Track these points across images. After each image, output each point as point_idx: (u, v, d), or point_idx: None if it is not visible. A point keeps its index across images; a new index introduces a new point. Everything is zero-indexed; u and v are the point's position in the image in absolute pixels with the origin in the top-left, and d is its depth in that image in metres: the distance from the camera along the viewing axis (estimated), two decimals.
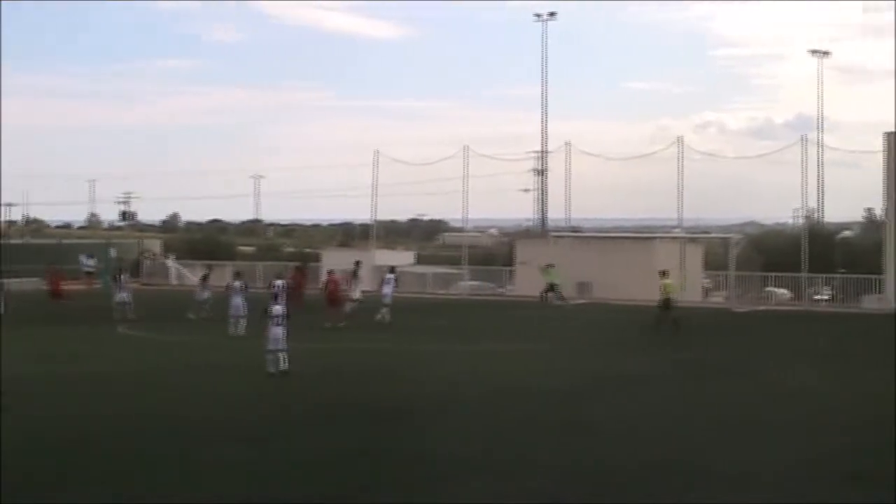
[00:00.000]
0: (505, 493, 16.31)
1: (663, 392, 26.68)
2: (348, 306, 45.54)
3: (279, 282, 43.54)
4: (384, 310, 45.21)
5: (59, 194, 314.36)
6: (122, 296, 47.45)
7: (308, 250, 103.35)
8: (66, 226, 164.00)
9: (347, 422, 22.19)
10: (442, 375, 29.31)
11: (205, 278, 49.68)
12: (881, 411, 23.59)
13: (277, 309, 29.45)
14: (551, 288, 58.16)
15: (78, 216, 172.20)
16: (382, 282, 47.21)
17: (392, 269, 49.43)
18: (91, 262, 73.05)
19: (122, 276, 49.62)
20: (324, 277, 48.68)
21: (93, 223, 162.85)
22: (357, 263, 48.69)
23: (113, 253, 75.37)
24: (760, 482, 17.01)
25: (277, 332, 28.72)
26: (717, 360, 33.38)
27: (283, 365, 28.37)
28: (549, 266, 58.95)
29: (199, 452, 18.89)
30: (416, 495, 16.16)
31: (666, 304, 41.69)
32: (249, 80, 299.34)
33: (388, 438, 20.22)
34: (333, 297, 44.27)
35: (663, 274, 43.12)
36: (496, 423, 22.02)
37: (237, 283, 41.34)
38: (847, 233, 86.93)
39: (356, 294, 46.39)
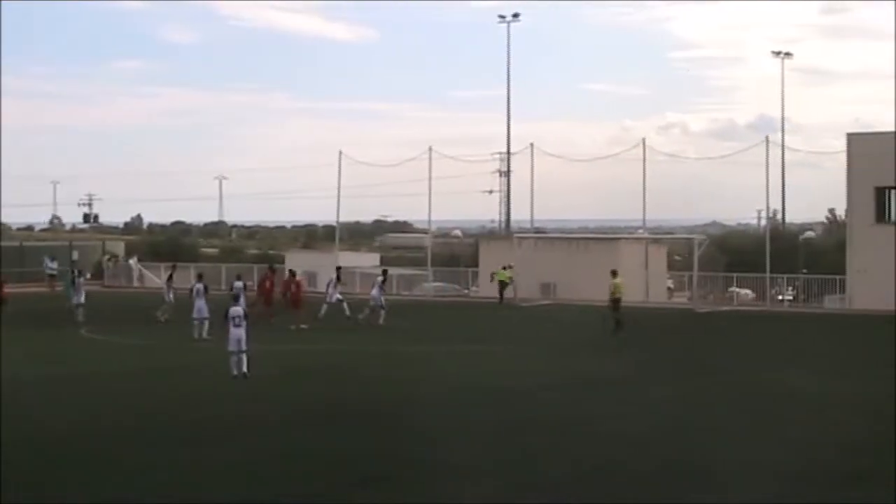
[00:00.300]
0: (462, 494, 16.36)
1: (636, 393, 26.76)
2: (323, 308, 45.58)
3: (238, 283, 43.51)
4: (381, 312, 45.14)
5: (20, 196, 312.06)
6: (78, 298, 46.84)
7: (272, 252, 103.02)
8: (29, 228, 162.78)
9: (316, 423, 22.17)
10: (406, 377, 29.36)
11: (170, 278, 49.08)
12: (866, 410, 24.20)
13: (237, 310, 29.28)
14: (502, 286, 57.98)
15: (40, 218, 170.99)
16: (373, 284, 47.28)
17: (384, 272, 49.65)
18: (54, 264, 72.51)
19: (77, 280, 48.81)
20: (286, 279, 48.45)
21: (55, 225, 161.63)
22: (338, 269, 49.13)
23: (75, 255, 74.84)
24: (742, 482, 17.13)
25: (238, 333, 28.59)
26: (682, 360, 33.50)
27: (244, 368, 28.24)
28: (507, 267, 58.77)
29: (165, 455, 18.85)
30: (371, 496, 16.26)
31: (615, 304, 41.86)
32: (210, 81, 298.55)
33: (349, 439, 20.21)
34: (296, 298, 44.14)
35: (614, 274, 43.25)
36: (459, 424, 22.02)
37: (199, 286, 41.03)
38: (810, 233, 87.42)
39: (336, 296, 46.68)
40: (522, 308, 55.39)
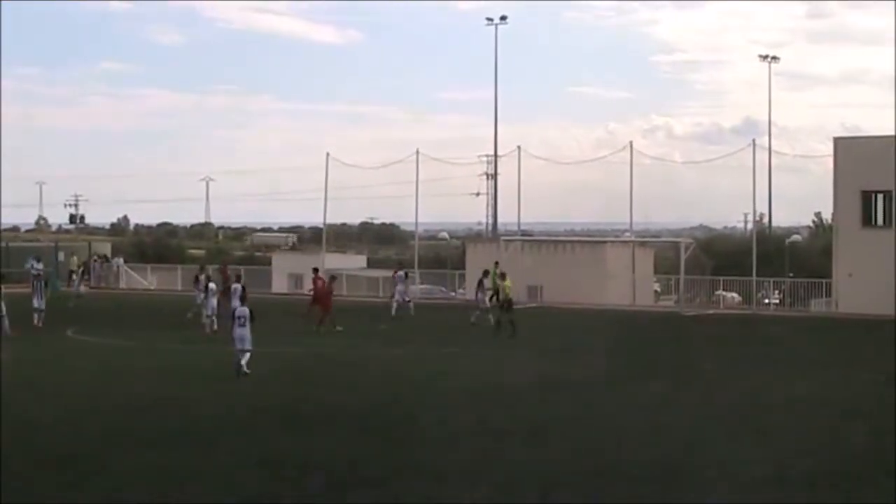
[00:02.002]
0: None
1: (618, 394, 26.79)
2: (394, 307, 49.25)
3: (212, 286, 43.43)
4: (489, 315, 45.67)
5: (6, 197, 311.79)
6: (38, 302, 45.82)
7: (258, 254, 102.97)
8: (14, 229, 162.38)
9: (305, 425, 22.19)
10: (399, 379, 29.49)
11: (196, 280, 48.05)
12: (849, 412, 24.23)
13: (243, 311, 29.64)
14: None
15: (26, 219, 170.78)
16: (478, 286, 48.27)
17: (485, 273, 50.05)
18: (39, 265, 72.26)
19: (38, 283, 47.88)
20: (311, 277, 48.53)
21: (41, 226, 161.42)
22: (401, 265, 49.64)
23: (62, 256, 74.66)
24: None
25: (242, 332, 28.97)
26: (665, 362, 33.66)
27: (245, 368, 28.47)
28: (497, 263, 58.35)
29: (156, 456, 18.85)
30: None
31: (508, 305, 42.07)
32: (196, 83, 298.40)
33: (339, 442, 20.26)
34: (324, 298, 43.93)
35: (503, 276, 43.57)
36: (443, 427, 22.05)
37: (212, 286, 41.42)
38: (796, 237, 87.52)
39: (405, 296, 50.22)
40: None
